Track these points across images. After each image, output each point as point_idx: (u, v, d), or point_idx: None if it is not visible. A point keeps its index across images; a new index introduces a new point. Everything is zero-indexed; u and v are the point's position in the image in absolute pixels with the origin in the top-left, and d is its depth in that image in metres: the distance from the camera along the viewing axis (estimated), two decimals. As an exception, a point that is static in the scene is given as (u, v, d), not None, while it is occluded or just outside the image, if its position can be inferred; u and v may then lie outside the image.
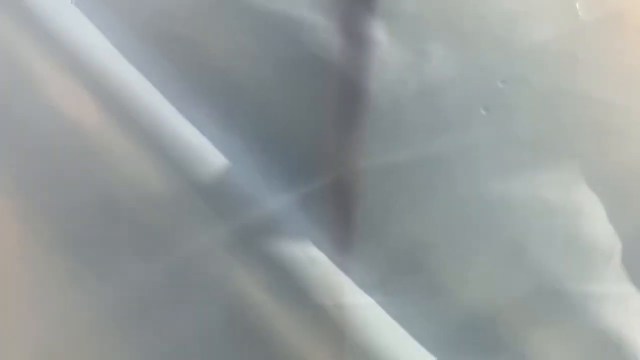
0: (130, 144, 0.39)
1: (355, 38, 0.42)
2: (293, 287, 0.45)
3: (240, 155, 0.41)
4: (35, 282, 0.44)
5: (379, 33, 0.43)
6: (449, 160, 0.45)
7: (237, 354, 0.49)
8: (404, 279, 0.49)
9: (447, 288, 0.51)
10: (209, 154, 0.40)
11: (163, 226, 0.42)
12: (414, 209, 0.47)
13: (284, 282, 0.45)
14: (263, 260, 0.44)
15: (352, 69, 0.41)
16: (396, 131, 0.43)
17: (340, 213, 0.45)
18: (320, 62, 0.40)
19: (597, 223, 0.49)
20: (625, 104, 0.45)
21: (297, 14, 0.41)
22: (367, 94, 0.42)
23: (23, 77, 0.41)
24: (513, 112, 0.45)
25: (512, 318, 0.54)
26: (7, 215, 0.41)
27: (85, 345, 0.48)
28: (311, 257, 0.44)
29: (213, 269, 0.44)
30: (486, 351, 0.55)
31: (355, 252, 0.46)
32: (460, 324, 0.53)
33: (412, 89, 0.42)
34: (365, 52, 0.40)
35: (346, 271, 0.46)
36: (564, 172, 0.46)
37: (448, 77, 0.43)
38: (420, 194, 0.46)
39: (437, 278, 0.50)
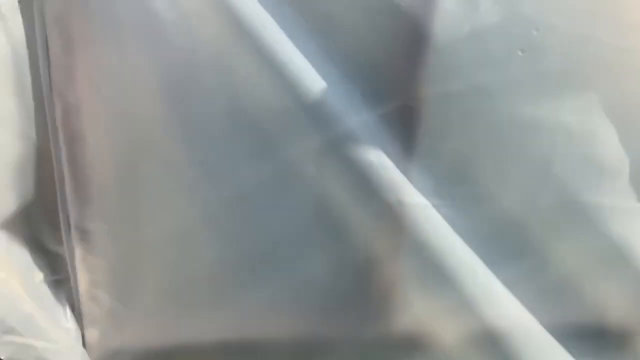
0: (255, 69, 0.53)
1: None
2: (367, 187, 0.58)
3: (334, 82, 0.54)
4: (167, 175, 0.58)
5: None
6: (492, 91, 0.58)
7: (321, 242, 0.62)
8: (454, 187, 0.62)
9: (487, 197, 0.63)
10: (312, 79, 0.53)
11: (273, 134, 0.56)
12: (463, 130, 0.59)
13: (361, 182, 0.58)
14: (345, 165, 0.57)
15: (421, 14, 0.53)
16: (452, 66, 0.56)
17: (407, 130, 0.58)
18: (397, 8, 0.53)
19: (610, 145, 0.61)
20: (637, 47, 0.57)
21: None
22: (431, 35, 0.54)
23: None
24: (544, 53, 0.57)
25: (538, 226, 0.67)
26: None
27: (200, 232, 0.62)
28: (382, 163, 0.57)
29: (308, 171, 0.58)
30: (515, 254, 0.68)
31: (416, 163, 0.59)
32: (495, 229, 0.66)
33: (465, 32, 0.55)
34: (430, 2, 0.53)
35: (408, 177, 0.59)
36: (584, 102, 0.58)
37: (494, 24, 0.55)
38: (469, 117, 0.58)
39: (480, 188, 0.63)
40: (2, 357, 0.55)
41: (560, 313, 0.71)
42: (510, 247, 0.66)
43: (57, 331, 0.61)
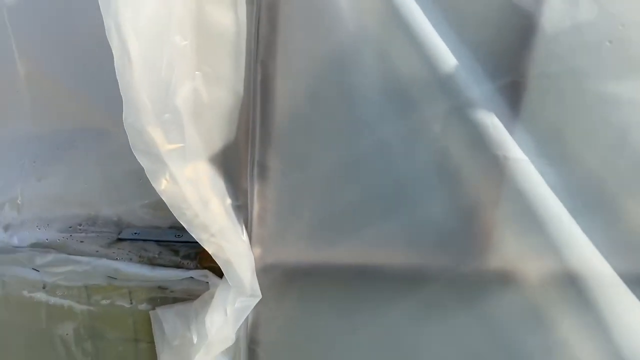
0: (405, 47, 0.72)
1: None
2: (480, 143, 0.76)
3: (462, 60, 0.72)
4: (329, 127, 0.78)
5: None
6: (583, 73, 0.74)
7: (439, 187, 0.80)
8: (548, 148, 0.78)
9: (574, 157, 0.79)
10: (446, 56, 0.71)
11: (413, 98, 0.74)
12: (559, 102, 0.76)
13: (476, 139, 0.76)
14: (465, 124, 0.75)
15: (532, 10, 0.71)
16: (553, 51, 0.73)
17: (515, 100, 0.75)
18: (513, 4, 0.70)
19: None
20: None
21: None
22: (539, 26, 0.71)
23: None
24: (627, 44, 0.73)
25: (615, 184, 0.82)
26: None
27: (349, 173, 0.81)
28: (494, 124, 0.75)
29: (435, 129, 0.76)
30: (595, 207, 0.83)
31: (520, 127, 0.76)
32: (579, 184, 0.82)
33: (566, 25, 0.72)
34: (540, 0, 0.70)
35: (513, 137, 0.76)
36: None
37: (588, 19, 0.72)
38: (564, 93, 0.75)
39: (569, 150, 0.79)
40: (210, 251, 0.77)
41: (631, 262, 0.86)
42: (591, 200, 0.81)
43: (239, 241, 0.81)
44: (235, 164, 0.80)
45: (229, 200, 0.81)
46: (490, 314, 0.89)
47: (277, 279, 0.86)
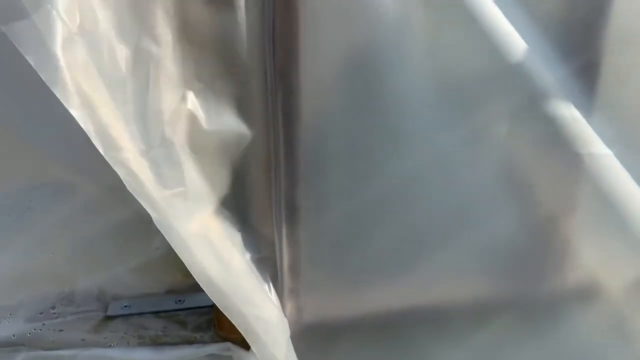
0: (454, 31, 0.57)
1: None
2: (558, 140, 0.62)
3: (528, 38, 0.58)
4: (365, 151, 0.62)
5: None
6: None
7: (507, 201, 0.66)
8: (634, 137, 0.65)
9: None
10: (508, 35, 0.57)
11: (473, 97, 0.59)
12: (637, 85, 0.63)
13: (552, 136, 0.62)
14: (539, 120, 0.61)
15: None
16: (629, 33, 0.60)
17: (593, 83, 0.61)
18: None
19: None
20: None
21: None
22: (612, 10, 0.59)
23: None
24: None
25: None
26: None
27: (394, 200, 0.65)
28: (573, 116, 0.61)
29: (501, 130, 0.62)
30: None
31: (600, 114, 0.63)
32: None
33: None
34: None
35: (595, 129, 0.62)
36: None
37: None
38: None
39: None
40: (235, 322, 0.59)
41: None
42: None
43: (267, 304, 0.64)
44: (253, 209, 0.63)
45: (248, 254, 0.64)
46: (570, 337, 0.76)
47: (317, 341, 0.70)
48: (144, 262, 0.80)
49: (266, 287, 0.66)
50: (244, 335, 0.63)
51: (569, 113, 0.61)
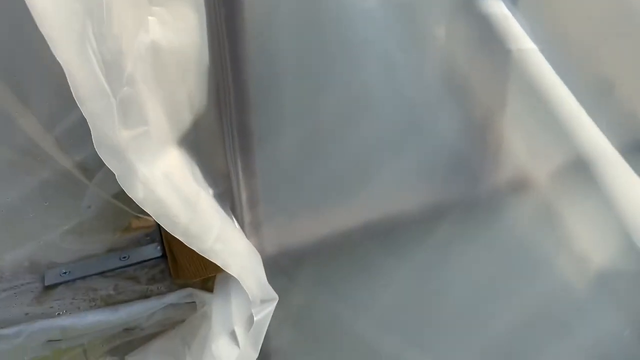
0: None
1: None
2: (491, 37, 0.65)
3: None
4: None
5: None
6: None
7: (449, 105, 0.68)
8: (548, 32, 0.70)
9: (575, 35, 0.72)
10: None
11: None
12: None
13: (485, 34, 0.64)
14: (474, 19, 0.63)
15: None
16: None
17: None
18: None
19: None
20: None
21: None
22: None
23: None
24: None
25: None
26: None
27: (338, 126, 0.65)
28: (503, 13, 0.63)
29: (439, 33, 0.63)
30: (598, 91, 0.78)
31: (520, 12, 0.66)
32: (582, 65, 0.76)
33: None
34: None
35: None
36: None
37: None
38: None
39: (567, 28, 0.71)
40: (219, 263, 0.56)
41: (625, 133, 0.83)
42: (593, 80, 0.76)
43: (239, 239, 0.62)
44: (207, 143, 0.59)
45: (210, 190, 0.61)
46: (506, 230, 0.82)
47: (280, 271, 0.69)
48: (77, 224, 0.74)
49: (233, 222, 0.63)
50: (233, 275, 0.60)
51: (499, 10, 0.64)
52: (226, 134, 0.60)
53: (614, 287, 0.97)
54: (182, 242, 0.60)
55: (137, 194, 0.49)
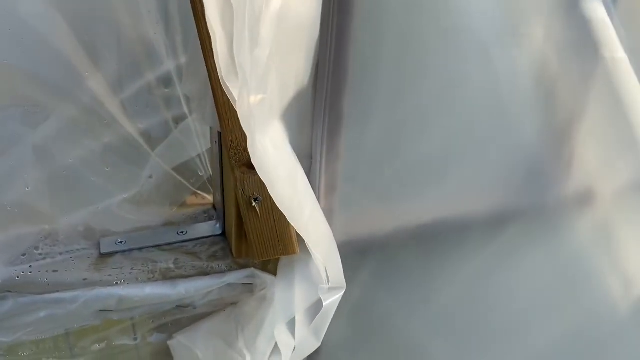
0: None
1: None
2: (585, 44, 0.64)
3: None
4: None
5: None
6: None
7: (531, 107, 0.67)
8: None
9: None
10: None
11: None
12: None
13: (582, 40, 0.63)
14: (572, 22, 0.62)
15: None
16: None
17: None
18: None
19: None
20: None
21: None
22: None
23: None
24: None
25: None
26: None
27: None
28: (602, 19, 0.62)
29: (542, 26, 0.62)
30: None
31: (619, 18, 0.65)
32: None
33: None
34: None
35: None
36: None
37: None
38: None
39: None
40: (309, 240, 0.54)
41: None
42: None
43: (323, 221, 0.60)
44: (300, 118, 0.57)
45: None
46: (567, 242, 0.80)
47: (347, 258, 0.67)
48: (136, 193, 0.71)
49: (317, 203, 0.61)
50: (316, 256, 0.59)
51: (598, 14, 0.63)
52: (317, 114, 0.58)
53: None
54: (253, 219, 0.59)
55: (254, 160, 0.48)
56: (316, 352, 0.74)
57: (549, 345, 0.90)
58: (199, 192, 0.76)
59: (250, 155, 0.47)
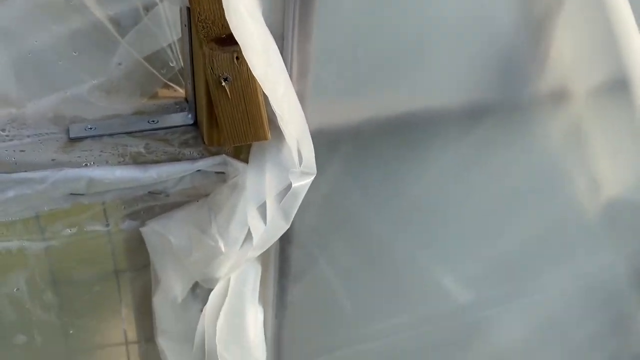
0: None
1: None
2: None
3: None
4: None
5: None
6: None
7: None
8: None
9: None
10: None
11: None
12: None
13: None
14: None
15: None
16: None
17: None
18: None
19: None
20: None
21: None
22: None
23: None
24: None
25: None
26: None
27: None
28: None
29: None
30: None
31: None
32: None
33: None
34: None
35: None
36: None
37: None
38: None
39: None
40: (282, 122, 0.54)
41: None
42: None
43: (297, 102, 0.59)
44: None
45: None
46: (537, 141, 0.81)
47: (318, 146, 0.67)
48: (106, 80, 0.70)
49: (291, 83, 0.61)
50: (289, 137, 0.58)
51: None
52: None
53: (620, 219, 0.99)
54: (223, 100, 0.58)
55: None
56: (288, 242, 0.76)
57: (517, 246, 0.93)
58: (170, 83, 0.75)
59: (225, 9, 0.46)
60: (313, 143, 0.65)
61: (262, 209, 0.65)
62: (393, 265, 0.85)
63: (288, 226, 0.64)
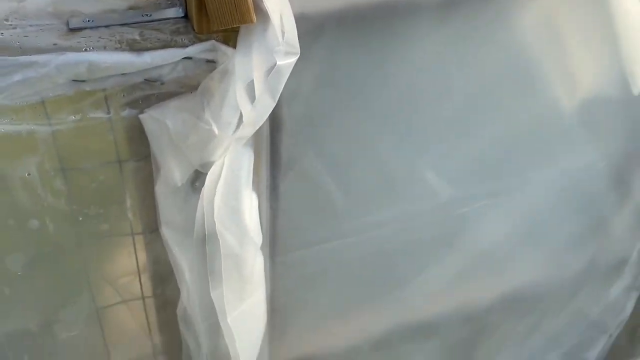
0: None
1: None
2: None
3: None
4: None
5: None
6: None
7: None
8: None
9: None
10: None
11: None
12: None
13: None
14: None
15: None
16: None
17: None
18: None
19: None
20: None
21: None
22: None
23: None
24: None
25: None
26: None
27: None
28: None
29: None
30: None
31: None
32: None
33: None
34: None
35: None
36: None
37: None
38: None
39: None
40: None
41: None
42: None
43: None
44: None
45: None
46: (515, 33, 0.85)
47: (305, 33, 0.71)
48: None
49: None
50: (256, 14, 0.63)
51: None
52: None
53: (598, 114, 1.03)
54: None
55: None
56: (277, 130, 0.81)
57: (496, 142, 0.98)
58: (162, -19, 0.79)
59: None
60: (297, 28, 0.69)
61: (250, 88, 0.70)
62: (378, 159, 0.91)
63: (274, 103, 0.69)
